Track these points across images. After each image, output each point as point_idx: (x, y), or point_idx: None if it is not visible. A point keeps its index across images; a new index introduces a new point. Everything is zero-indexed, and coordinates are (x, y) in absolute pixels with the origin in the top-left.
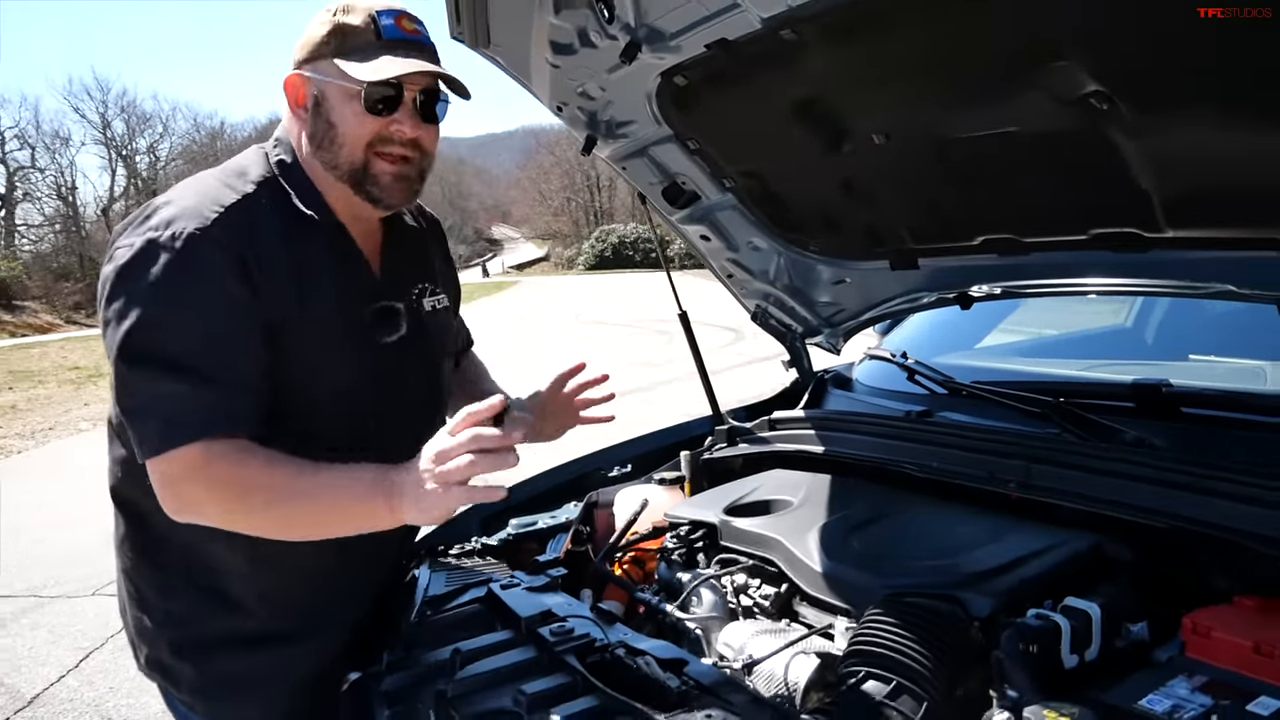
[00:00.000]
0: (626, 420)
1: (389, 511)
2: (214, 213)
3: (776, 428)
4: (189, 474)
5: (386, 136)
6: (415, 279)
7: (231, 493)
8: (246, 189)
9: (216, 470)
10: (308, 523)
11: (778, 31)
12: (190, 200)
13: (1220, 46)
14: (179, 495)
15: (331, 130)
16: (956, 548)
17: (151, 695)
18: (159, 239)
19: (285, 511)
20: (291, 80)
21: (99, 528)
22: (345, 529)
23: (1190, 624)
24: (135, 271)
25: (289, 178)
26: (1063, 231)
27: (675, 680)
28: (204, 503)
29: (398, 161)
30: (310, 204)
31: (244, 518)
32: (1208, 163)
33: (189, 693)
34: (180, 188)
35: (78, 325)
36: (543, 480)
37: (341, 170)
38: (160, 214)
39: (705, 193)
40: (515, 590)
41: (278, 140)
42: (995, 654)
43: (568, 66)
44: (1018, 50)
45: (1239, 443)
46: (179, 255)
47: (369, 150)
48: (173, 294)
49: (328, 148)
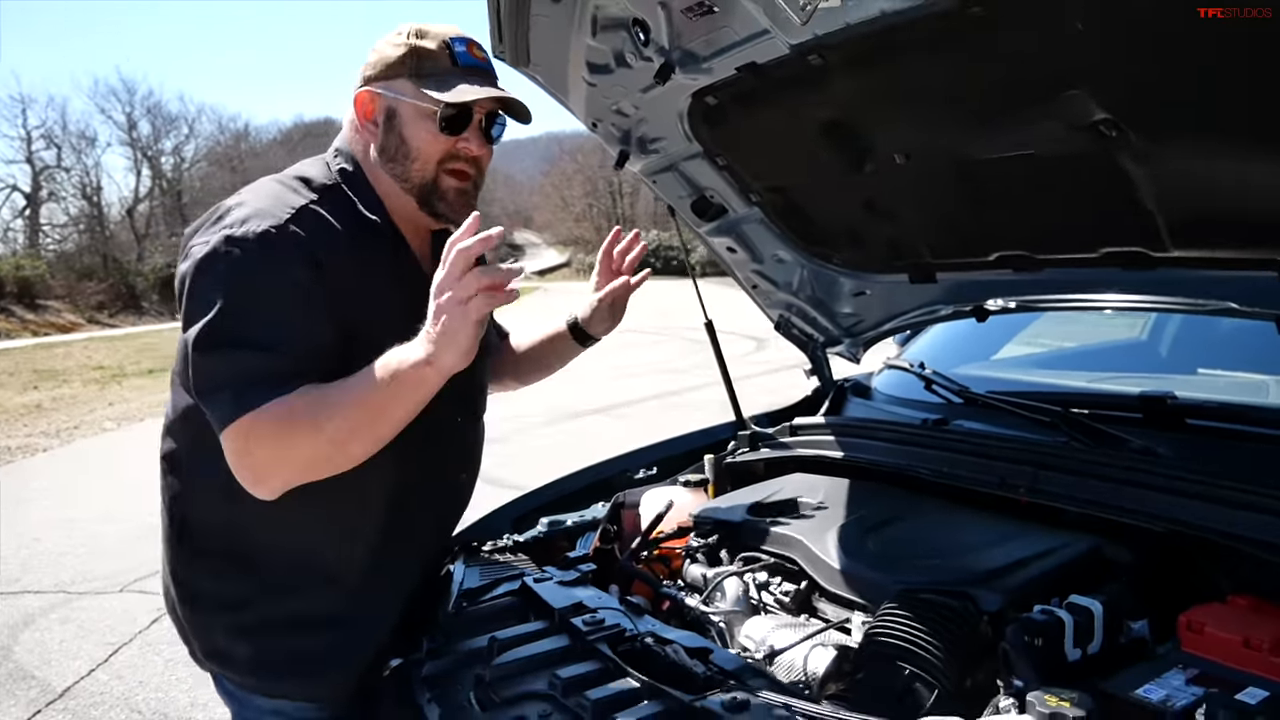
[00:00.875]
0: (653, 424)
1: (427, 364)
2: (287, 213)
3: (798, 433)
4: (261, 437)
5: (455, 154)
6: None
7: (286, 430)
8: (312, 195)
9: (272, 425)
10: (366, 419)
11: (805, 57)
12: (261, 203)
13: (1220, 58)
14: (255, 464)
15: (404, 145)
16: (966, 548)
17: (180, 690)
18: (234, 235)
19: (342, 418)
20: (362, 96)
21: (125, 526)
22: (401, 408)
23: (1185, 621)
24: (213, 266)
25: (353, 186)
26: (1074, 249)
27: (701, 667)
28: (275, 457)
29: (462, 178)
30: (373, 211)
31: (309, 450)
32: (1208, 188)
33: (247, 673)
34: (248, 192)
35: (100, 325)
36: (571, 481)
37: (412, 183)
38: (234, 214)
39: (732, 207)
40: (548, 584)
41: (338, 150)
42: (1002, 645)
43: (603, 85)
44: (1031, 80)
45: (1240, 453)
46: (255, 248)
47: (439, 167)
48: (248, 283)
49: (401, 161)
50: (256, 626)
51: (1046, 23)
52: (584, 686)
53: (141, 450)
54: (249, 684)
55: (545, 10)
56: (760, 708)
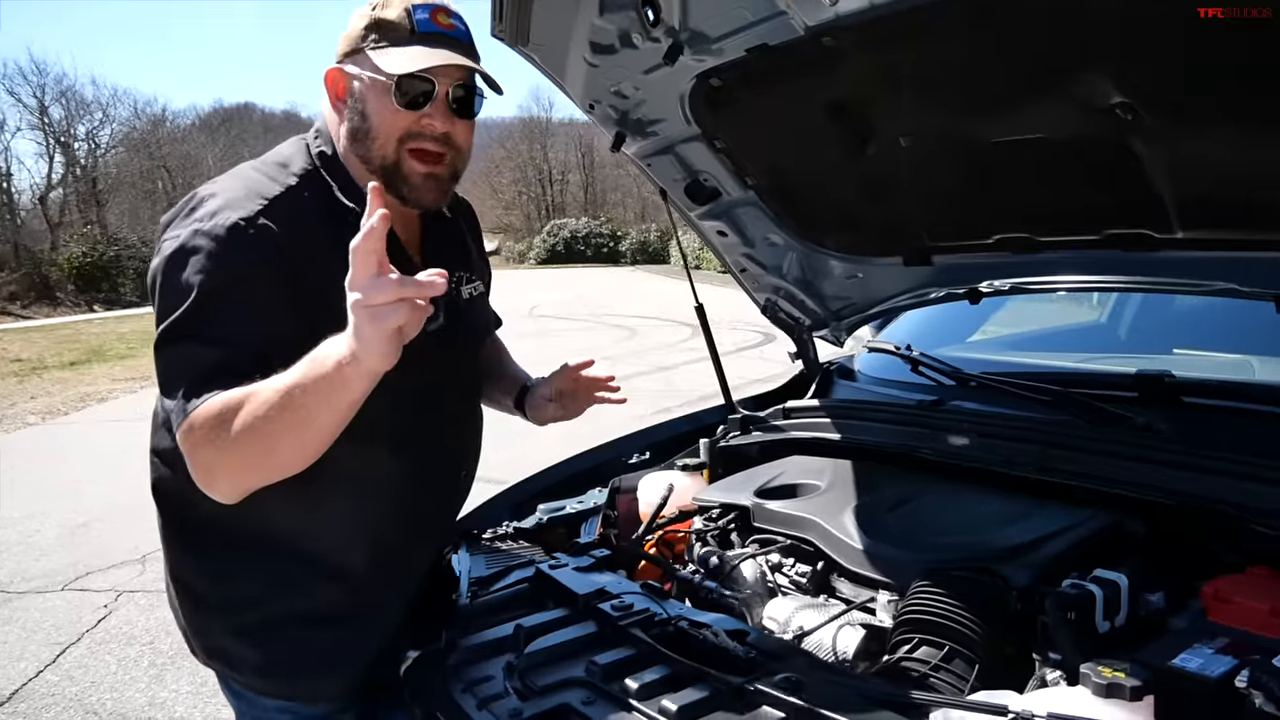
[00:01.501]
0: (598, 411)
1: (349, 363)
2: (258, 204)
3: (791, 416)
4: (201, 438)
5: (417, 131)
6: (454, 267)
7: (221, 427)
8: (289, 181)
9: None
10: (292, 421)
11: (819, 39)
12: (233, 192)
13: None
14: (198, 466)
15: (366, 124)
16: (987, 525)
17: (136, 690)
18: (204, 228)
19: (267, 417)
20: (331, 74)
21: (60, 523)
22: (327, 411)
23: (1212, 591)
24: (182, 260)
25: (330, 170)
26: (1077, 231)
27: (741, 649)
28: (213, 459)
29: (429, 161)
30: (351, 196)
31: (240, 453)
32: (1220, 169)
33: (254, 674)
34: (223, 180)
35: (13, 316)
36: (564, 468)
37: (374, 164)
38: (205, 206)
39: (727, 190)
40: (565, 570)
41: (318, 131)
42: (1041, 619)
43: (605, 66)
44: (1049, 62)
45: (1238, 429)
46: (223, 243)
47: (400, 146)
48: (216, 278)
49: (363, 140)
50: (260, 627)
51: (1072, 5)
52: (624, 672)
53: (70, 445)
54: (255, 685)
55: None
56: (815, 687)
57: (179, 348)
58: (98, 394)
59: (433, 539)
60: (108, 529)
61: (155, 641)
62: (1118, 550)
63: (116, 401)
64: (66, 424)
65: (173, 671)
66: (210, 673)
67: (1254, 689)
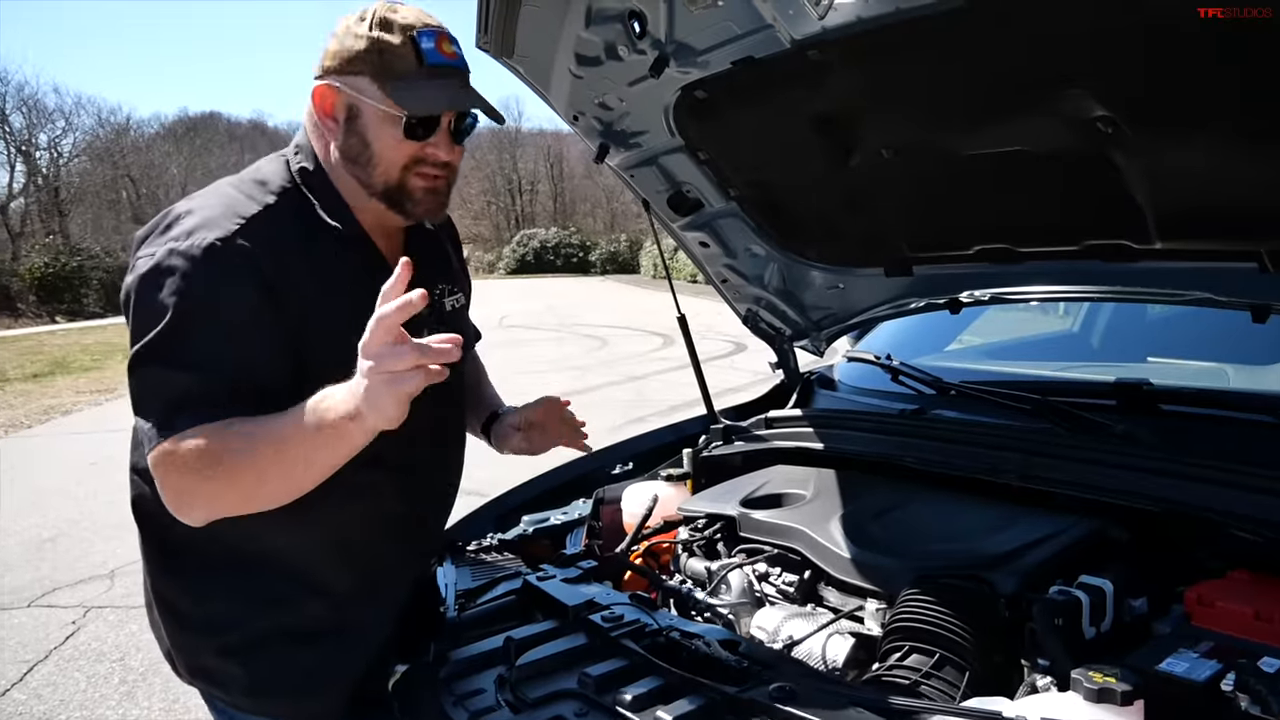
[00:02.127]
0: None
1: (352, 419)
2: (235, 224)
3: (773, 426)
4: (180, 465)
5: (421, 158)
6: (436, 280)
7: (203, 461)
8: (268, 199)
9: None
10: (285, 463)
11: (805, 52)
12: (211, 210)
13: (1220, 56)
14: (173, 492)
15: (367, 149)
16: (973, 532)
17: (107, 707)
18: (179, 248)
19: (261, 456)
20: (320, 90)
21: (24, 539)
22: (323, 457)
23: (1195, 596)
24: (157, 280)
25: (312, 187)
26: (1057, 242)
27: (733, 658)
28: (191, 487)
29: (432, 178)
30: (335, 214)
31: (222, 485)
32: (1199, 182)
33: (241, 694)
34: (200, 197)
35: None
36: (547, 479)
37: (375, 188)
38: (182, 224)
39: (709, 201)
40: (553, 581)
41: (298, 146)
42: (1029, 626)
43: (590, 78)
44: (1032, 77)
45: (1213, 436)
46: (199, 264)
47: (404, 171)
48: (191, 301)
49: (363, 165)
50: (244, 646)
51: (1056, 21)
52: (617, 683)
53: (34, 458)
54: (241, 704)
55: (537, 0)
56: (808, 696)
57: (152, 370)
58: (62, 406)
59: (418, 552)
60: (74, 544)
61: (126, 658)
62: (1101, 557)
63: (81, 414)
64: (30, 437)
65: (144, 689)
66: (184, 690)
67: (1240, 692)
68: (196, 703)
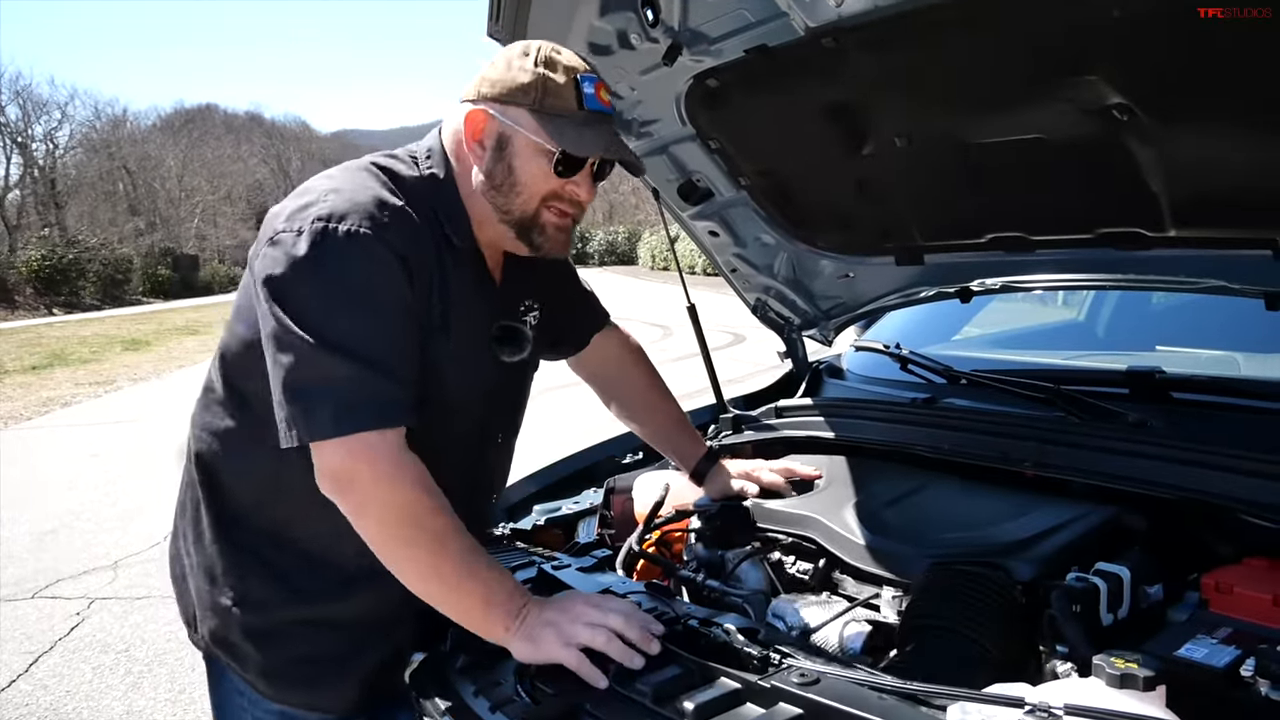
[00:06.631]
0: (585, 411)
1: (502, 626)
2: (385, 215)
3: (783, 415)
4: (359, 458)
5: (561, 194)
6: (525, 297)
7: (395, 505)
8: (403, 196)
9: (390, 467)
10: (426, 576)
11: (819, 40)
12: (358, 195)
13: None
14: (340, 477)
15: (512, 176)
16: (988, 520)
17: (113, 698)
18: (334, 229)
19: (420, 556)
20: (476, 115)
21: (27, 529)
22: (450, 602)
23: (1213, 582)
24: (316, 257)
25: (439, 196)
26: (1070, 230)
27: (754, 646)
28: (367, 494)
29: (563, 215)
30: (456, 228)
31: (404, 545)
32: (1214, 169)
33: (258, 677)
34: (339, 177)
35: None
36: (558, 468)
37: (512, 216)
38: (329, 203)
39: (719, 190)
40: (568, 570)
41: (430, 151)
42: (1048, 613)
43: (603, 67)
44: (1048, 64)
45: (1226, 424)
46: (359, 250)
47: (542, 203)
48: (352, 286)
49: (505, 192)
50: (266, 632)
51: (1073, 8)
52: (637, 673)
53: (35, 450)
54: (258, 685)
55: None
56: (833, 682)
57: (318, 354)
58: (61, 398)
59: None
60: (77, 535)
61: (131, 649)
62: (1117, 544)
63: (81, 406)
64: (30, 429)
65: (150, 679)
66: (189, 680)
67: (1260, 677)
68: (202, 693)
